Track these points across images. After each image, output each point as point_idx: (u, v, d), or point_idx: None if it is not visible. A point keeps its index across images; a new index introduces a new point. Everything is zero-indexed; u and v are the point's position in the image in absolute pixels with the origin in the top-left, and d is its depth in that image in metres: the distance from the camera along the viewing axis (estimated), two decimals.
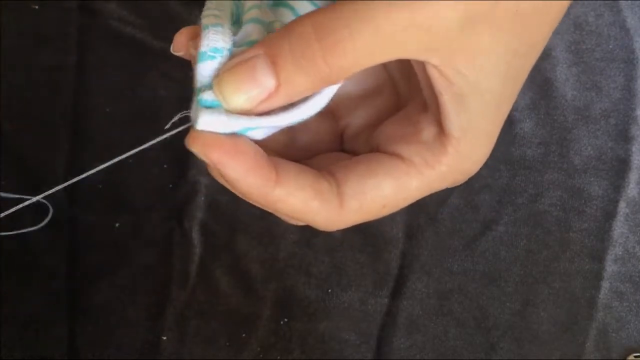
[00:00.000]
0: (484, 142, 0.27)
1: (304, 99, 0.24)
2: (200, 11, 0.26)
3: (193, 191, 0.50)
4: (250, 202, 0.26)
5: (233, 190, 0.26)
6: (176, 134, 0.34)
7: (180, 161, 0.50)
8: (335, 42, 0.21)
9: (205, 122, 0.24)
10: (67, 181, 0.34)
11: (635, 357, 0.50)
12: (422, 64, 0.24)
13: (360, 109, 0.30)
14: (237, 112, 0.24)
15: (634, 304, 0.51)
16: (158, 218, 0.50)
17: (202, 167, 0.50)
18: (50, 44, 0.51)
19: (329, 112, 0.31)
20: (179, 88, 0.51)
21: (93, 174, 0.32)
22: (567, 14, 0.55)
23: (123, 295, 0.49)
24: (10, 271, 0.48)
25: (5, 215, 0.38)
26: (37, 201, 0.49)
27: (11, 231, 0.48)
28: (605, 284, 0.51)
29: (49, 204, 0.48)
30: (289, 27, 0.23)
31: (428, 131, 0.26)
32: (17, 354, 0.48)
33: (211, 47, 0.24)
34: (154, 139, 0.30)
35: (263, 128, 0.25)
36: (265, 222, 0.50)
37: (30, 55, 0.51)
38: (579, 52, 0.54)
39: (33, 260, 0.49)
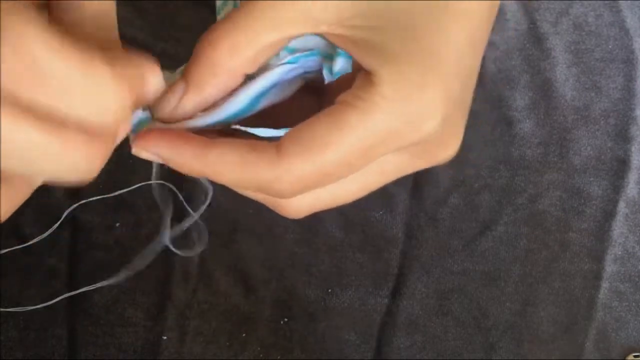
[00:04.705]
0: (416, 70, 0.26)
1: (224, 102, 0.28)
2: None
3: (193, 191, 0.50)
4: (200, 175, 0.28)
5: (182, 171, 0.28)
6: None
7: None
8: (215, 41, 0.27)
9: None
10: None
11: (635, 357, 0.50)
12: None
13: None
14: (164, 120, 0.28)
15: (634, 304, 0.51)
16: (158, 218, 0.50)
17: None
18: None
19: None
20: None
21: None
22: (567, 14, 0.55)
23: (123, 295, 0.49)
24: (10, 271, 0.48)
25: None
26: (38, 201, 0.49)
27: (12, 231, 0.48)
28: (604, 284, 0.51)
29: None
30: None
31: (358, 78, 0.27)
32: (17, 354, 0.47)
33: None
34: None
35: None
36: (265, 222, 0.50)
37: None
38: (578, 52, 0.54)
39: (33, 260, 0.49)
